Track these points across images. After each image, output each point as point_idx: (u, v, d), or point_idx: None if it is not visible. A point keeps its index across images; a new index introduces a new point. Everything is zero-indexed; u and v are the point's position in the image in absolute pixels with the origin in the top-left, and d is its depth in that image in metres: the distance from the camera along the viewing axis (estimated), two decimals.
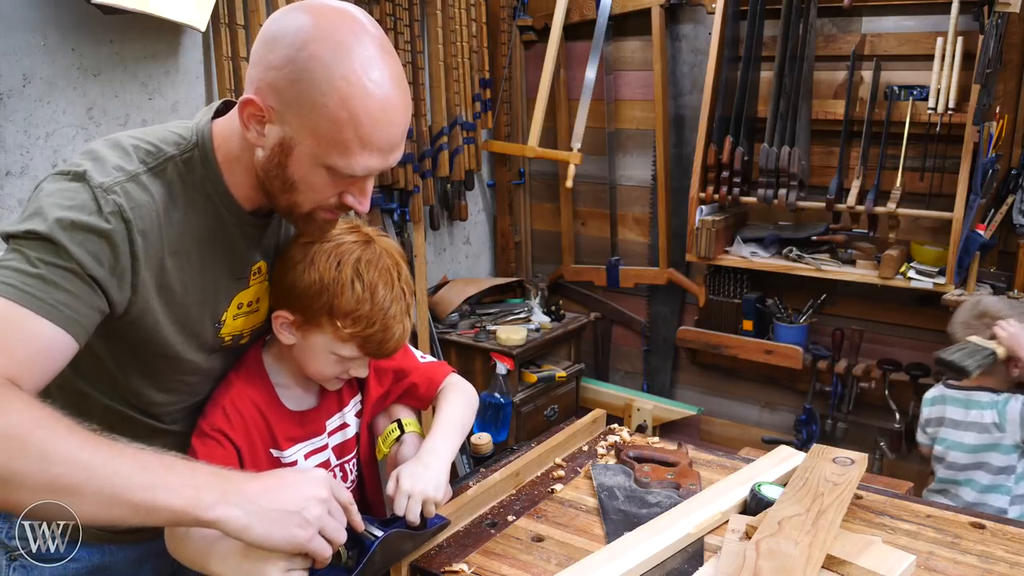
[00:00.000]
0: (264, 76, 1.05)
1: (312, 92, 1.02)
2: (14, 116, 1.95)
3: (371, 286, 1.21)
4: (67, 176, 1.06)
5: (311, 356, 1.27)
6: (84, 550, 1.26)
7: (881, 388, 2.95)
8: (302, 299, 1.21)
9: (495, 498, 1.42)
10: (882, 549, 1.19)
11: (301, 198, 1.11)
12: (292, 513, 1.00)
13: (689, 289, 3.30)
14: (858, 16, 2.83)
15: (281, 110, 1.05)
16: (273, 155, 1.08)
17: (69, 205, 1.02)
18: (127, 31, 2.14)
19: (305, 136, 1.05)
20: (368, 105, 1.03)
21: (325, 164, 1.06)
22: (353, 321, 1.20)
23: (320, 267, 1.20)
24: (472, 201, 3.49)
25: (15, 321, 0.97)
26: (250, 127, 1.07)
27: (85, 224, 1.02)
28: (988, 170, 2.53)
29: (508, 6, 3.39)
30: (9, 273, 0.98)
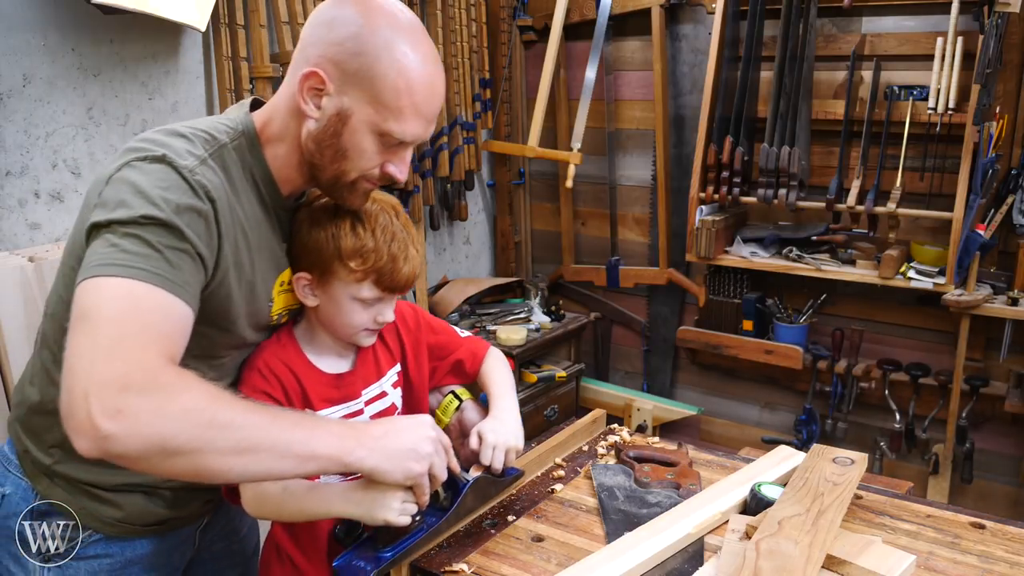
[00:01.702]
0: (325, 52, 1.15)
1: (374, 64, 1.14)
2: (14, 116, 1.95)
3: (370, 224, 1.30)
4: (147, 160, 1.10)
5: (336, 309, 1.33)
6: (116, 545, 1.31)
7: (881, 388, 2.95)
8: (313, 253, 1.30)
9: (495, 498, 1.42)
10: (882, 549, 1.19)
11: (350, 166, 1.21)
12: (409, 451, 1.15)
13: (689, 289, 3.30)
14: (858, 16, 2.83)
15: (341, 81, 1.16)
16: (329, 125, 1.18)
17: (167, 187, 1.08)
18: (127, 31, 2.14)
19: (363, 105, 1.16)
20: (421, 77, 1.17)
21: (380, 130, 1.18)
22: (362, 258, 1.29)
23: (322, 220, 1.30)
24: (472, 201, 3.49)
25: (161, 304, 1.03)
26: (307, 100, 1.17)
27: (189, 205, 1.09)
28: (988, 170, 2.53)
29: (508, 6, 3.39)
30: (137, 258, 1.03)
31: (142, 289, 1.02)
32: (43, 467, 1.27)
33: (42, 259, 1.85)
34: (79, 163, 2.09)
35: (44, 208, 2.03)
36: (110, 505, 1.28)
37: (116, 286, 1.01)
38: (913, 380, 2.88)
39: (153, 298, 1.02)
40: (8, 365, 1.78)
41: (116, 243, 1.03)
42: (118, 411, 0.94)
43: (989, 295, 2.63)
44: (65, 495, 1.27)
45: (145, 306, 1.02)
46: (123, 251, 1.03)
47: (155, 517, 1.32)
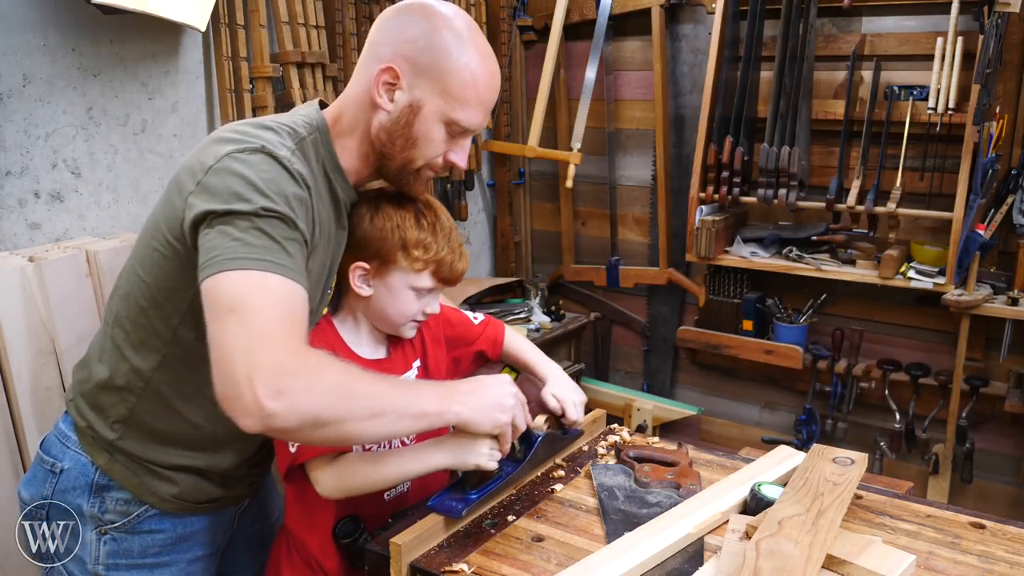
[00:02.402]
0: (398, 50, 1.27)
1: (444, 59, 1.26)
2: (14, 116, 1.95)
3: (433, 217, 1.41)
4: (248, 151, 1.18)
5: (391, 298, 1.41)
6: (169, 521, 1.38)
7: (881, 388, 2.95)
8: (375, 243, 1.37)
9: (495, 498, 1.42)
10: (882, 549, 1.19)
11: (418, 154, 1.32)
12: (495, 404, 1.30)
13: (689, 289, 3.30)
14: (858, 16, 2.83)
15: (413, 76, 1.27)
16: (402, 116, 1.29)
17: (273, 177, 1.16)
18: (127, 31, 2.14)
19: (434, 96, 1.28)
20: (484, 71, 1.30)
21: (448, 119, 1.30)
22: (424, 248, 1.39)
23: (387, 211, 1.38)
24: (472, 201, 3.49)
25: (291, 292, 1.13)
26: (382, 93, 1.28)
27: (296, 194, 1.18)
28: (988, 170, 2.53)
29: (508, 6, 3.39)
30: (264, 251, 1.12)
31: (276, 281, 1.11)
32: (105, 443, 1.34)
33: (42, 259, 1.85)
34: (79, 163, 2.09)
35: (44, 208, 2.03)
36: (167, 481, 1.35)
37: (254, 279, 1.10)
38: (913, 380, 2.88)
39: (285, 288, 1.12)
40: (8, 365, 1.78)
41: (240, 236, 1.11)
42: (279, 392, 1.06)
43: (989, 295, 2.63)
44: (124, 470, 1.34)
45: (282, 296, 1.12)
46: (249, 244, 1.11)
47: (207, 495, 1.40)
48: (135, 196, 2.23)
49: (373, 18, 2.74)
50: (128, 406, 1.32)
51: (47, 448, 1.39)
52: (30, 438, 1.81)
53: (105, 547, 1.34)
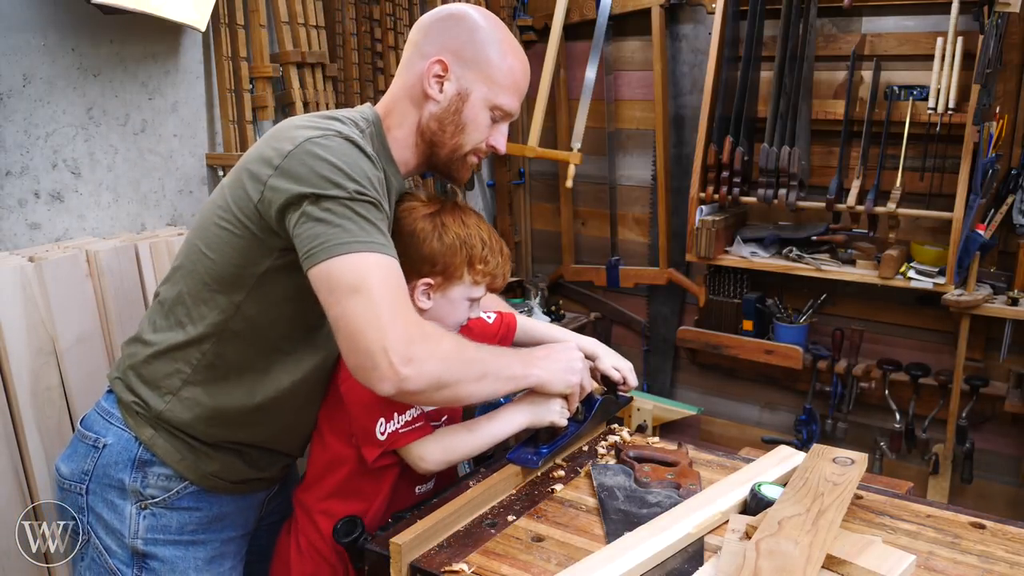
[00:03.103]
0: (445, 43, 1.41)
1: (487, 51, 1.42)
2: (14, 116, 1.95)
3: (489, 232, 1.51)
4: (326, 136, 1.27)
5: (450, 309, 1.50)
6: (206, 499, 1.45)
7: (881, 388, 2.95)
8: (442, 260, 1.45)
9: (495, 498, 1.42)
10: (882, 549, 1.19)
11: (466, 139, 1.44)
12: (566, 368, 1.48)
13: (689, 289, 3.30)
14: (858, 16, 2.83)
15: (460, 67, 1.41)
16: (451, 104, 1.42)
17: (354, 161, 1.26)
18: (127, 31, 2.14)
19: (480, 84, 1.42)
20: (520, 61, 1.46)
21: (492, 104, 1.43)
22: (486, 263, 1.49)
23: (454, 229, 1.46)
24: (472, 201, 3.49)
25: (395, 269, 1.25)
26: (432, 84, 1.41)
27: (378, 176, 1.29)
28: (988, 170, 2.53)
29: (508, 6, 3.39)
30: (367, 233, 1.23)
31: (384, 260, 1.23)
32: (152, 417, 1.40)
33: (42, 259, 1.85)
34: (79, 163, 2.09)
35: (44, 208, 2.03)
36: (207, 458, 1.41)
37: (367, 261, 1.21)
38: (913, 380, 2.88)
39: (391, 266, 1.24)
40: (8, 365, 1.78)
41: (341, 223, 1.21)
42: (409, 359, 1.19)
43: (989, 295, 2.63)
44: (167, 446, 1.40)
45: (391, 273, 1.24)
46: (352, 230, 1.21)
47: (242, 475, 1.47)
48: (135, 196, 2.23)
49: (373, 18, 2.75)
50: (182, 377, 1.39)
51: (89, 424, 1.45)
52: (30, 438, 1.80)
53: (144, 522, 1.40)
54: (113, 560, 1.40)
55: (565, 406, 1.50)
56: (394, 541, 1.23)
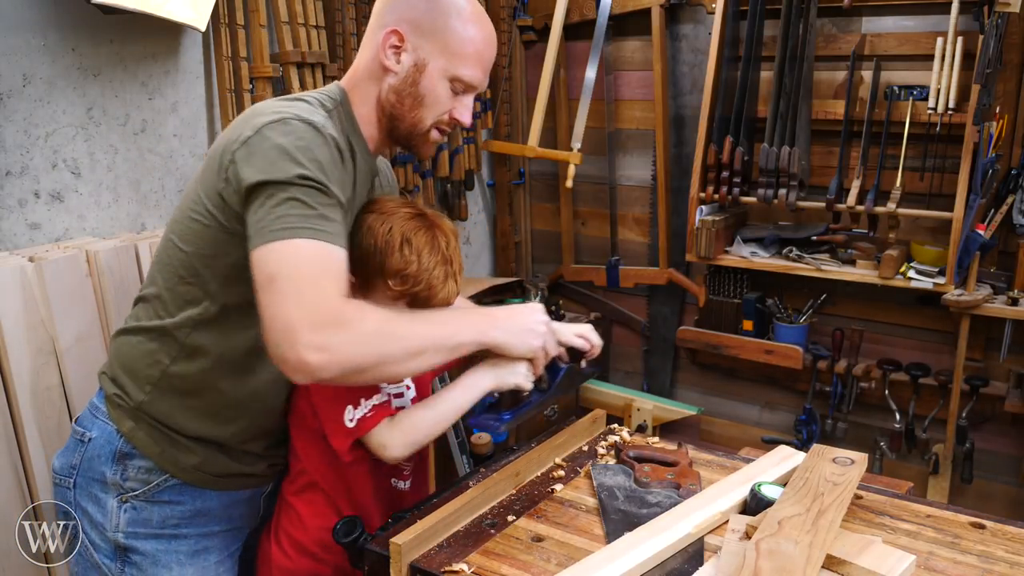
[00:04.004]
0: (402, 15, 1.37)
1: (447, 19, 1.36)
2: (14, 116, 1.95)
3: (418, 249, 1.41)
4: (283, 121, 1.25)
5: None
6: (189, 493, 1.43)
7: (881, 388, 2.95)
8: (360, 262, 1.39)
9: (495, 498, 1.42)
10: (882, 549, 1.19)
11: (425, 112, 1.40)
12: (529, 329, 1.41)
13: (689, 289, 3.30)
14: (858, 16, 2.83)
15: (417, 37, 1.37)
16: (408, 76, 1.38)
17: (307, 144, 1.24)
18: (127, 31, 2.14)
19: (437, 55, 1.37)
20: (482, 29, 1.40)
21: (451, 75, 1.38)
22: (401, 280, 1.40)
23: (375, 231, 1.40)
24: (472, 201, 3.49)
25: (321, 253, 1.20)
26: (389, 56, 1.38)
27: (330, 158, 1.26)
28: (988, 170, 2.53)
29: (508, 6, 3.39)
30: (298, 219, 1.20)
31: (310, 247, 1.19)
32: (132, 408, 1.39)
33: (42, 259, 1.85)
34: (79, 163, 2.09)
35: (44, 208, 2.03)
36: (188, 451, 1.40)
37: (289, 248, 1.19)
38: (913, 380, 2.88)
39: (321, 252, 1.20)
40: (8, 365, 1.78)
41: (275, 208, 1.20)
42: (319, 348, 1.16)
43: (989, 295, 2.63)
44: (147, 438, 1.39)
45: (315, 260, 1.19)
46: (285, 215, 1.19)
47: (225, 469, 1.45)
48: (135, 196, 2.23)
49: None
50: (161, 368, 1.39)
51: (80, 420, 1.46)
52: (30, 438, 1.81)
53: (125, 515, 1.39)
54: (98, 554, 1.40)
55: (530, 369, 1.44)
56: (394, 541, 1.23)
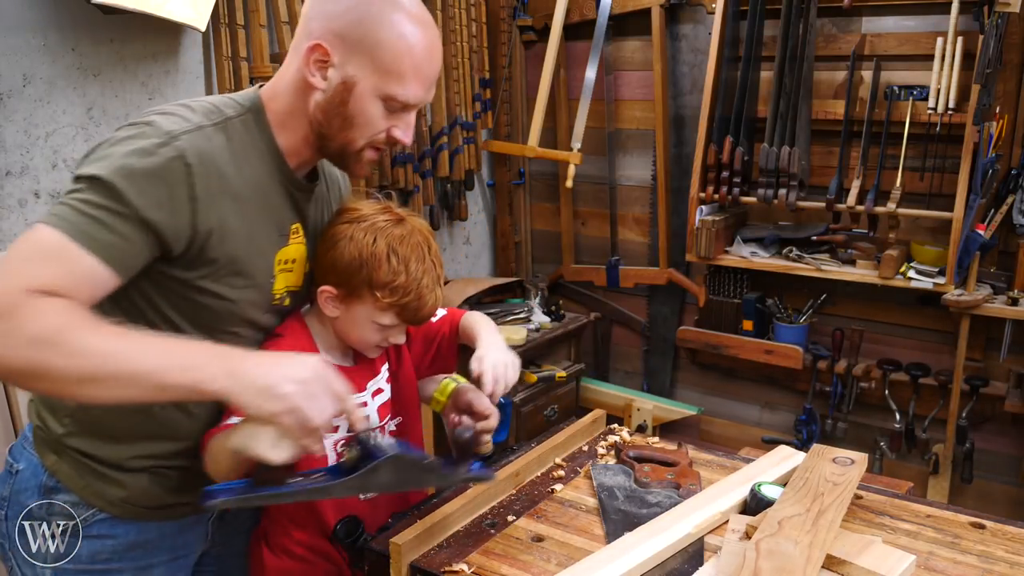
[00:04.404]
0: (327, 25, 1.21)
1: (376, 30, 1.20)
2: (14, 116, 1.95)
3: (405, 259, 1.34)
4: (137, 126, 1.18)
5: (354, 326, 1.39)
6: (121, 527, 1.32)
7: (881, 388, 2.95)
8: (344, 274, 1.34)
9: (495, 498, 1.42)
10: (882, 549, 1.19)
11: (357, 133, 1.26)
12: (264, 387, 1.08)
13: (689, 289, 3.30)
14: (858, 16, 2.83)
15: (344, 53, 1.21)
16: (336, 94, 1.23)
17: (133, 151, 1.13)
18: (127, 31, 2.14)
19: (367, 72, 1.22)
20: (420, 40, 1.23)
21: (384, 95, 1.23)
22: (391, 292, 1.34)
23: (359, 243, 1.33)
24: (472, 201, 3.49)
25: (61, 249, 1.08)
26: (314, 72, 1.23)
27: (146, 170, 1.12)
28: (988, 170, 2.53)
29: (508, 6, 3.39)
30: (67, 211, 1.09)
31: (49, 236, 1.08)
32: (53, 440, 1.30)
33: None
34: None
35: (44, 208, 2.03)
36: (114, 484, 1.30)
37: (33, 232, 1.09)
38: (913, 380, 2.88)
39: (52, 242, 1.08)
40: None
41: (62, 201, 1.12)
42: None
43: (989, 295, 2.63)
44: (71, 471, 1.30)
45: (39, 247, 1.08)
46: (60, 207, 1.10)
47: (159, 500, 1.34)
48: None
49: None
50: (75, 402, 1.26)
51: (12, 450, 1.37)
52: None
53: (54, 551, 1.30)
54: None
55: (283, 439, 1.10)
56: (394, 541, 1.23)
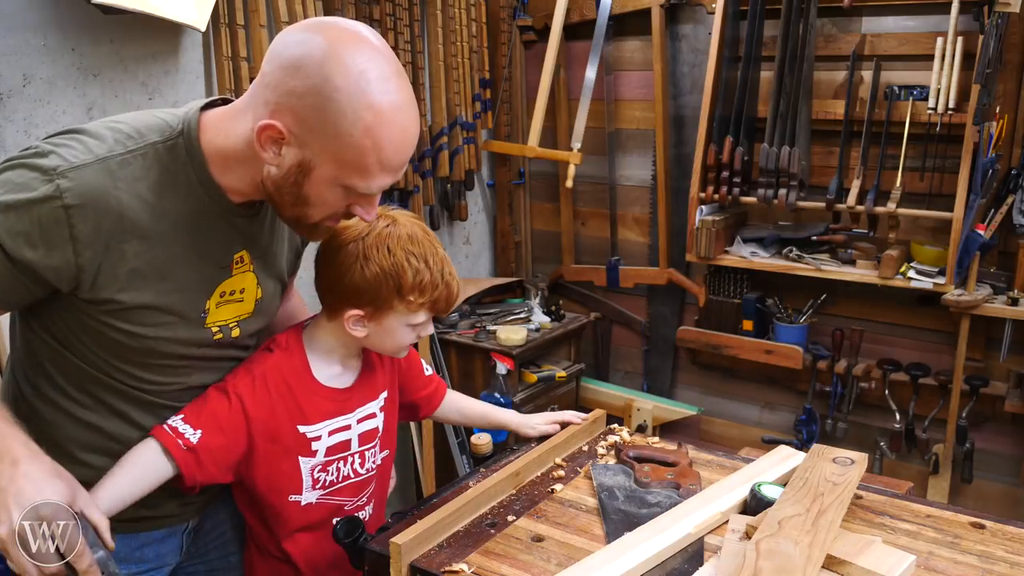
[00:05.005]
0: (286, 101, 1.09)
1: (338, 121, 1.08)
2: (14, 116, 1.95)
3: (422, 257, 1.36)
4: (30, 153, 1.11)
5: (387, 336, 1.41)
6: None
7: (881, 388, 2.95)
8: (369, 292, 1.34)
9: (495, 498, 1.42)
10: (882, 549, 1.19)
11: (312, 211, 1.18)
12: None
13: (689, 289, 3.30)
14: (858, 16, 2.83)
15: (302, 135, 1.10)
16: (290, 174, 1.13)
17: (13, 184, 1.08)
18: (127, 31, 2.14)
19: (326, 160, 1.11)
20: (391, 133, 1.11)
21: (343, 184, 1.13)
22: (420, 292, 1.36)
23: (376, 259, 1.33)
24: (472, 201, 3.49)
25: None
26: (267, 149, 1.12)
27: (18, 205, 1.07)
28: (988, 170, 2.53)
29: (508, 6, 3.39)
30: None
31: None
32: None
33: None
34: None
35: None
36: None
37: None
38: (913, 380, 2.88)
39: None
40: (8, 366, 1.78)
41: None
42: None
43: (989, 295, 2.63)
44: None
45: None
46: None
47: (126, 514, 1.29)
48: None
49: (373, 18, 2.74)
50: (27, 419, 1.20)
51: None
52: None
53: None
54: None
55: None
56: (394, 541, 1.23)
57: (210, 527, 1.48)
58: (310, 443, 1.39)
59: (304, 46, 1.09)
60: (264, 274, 1.34)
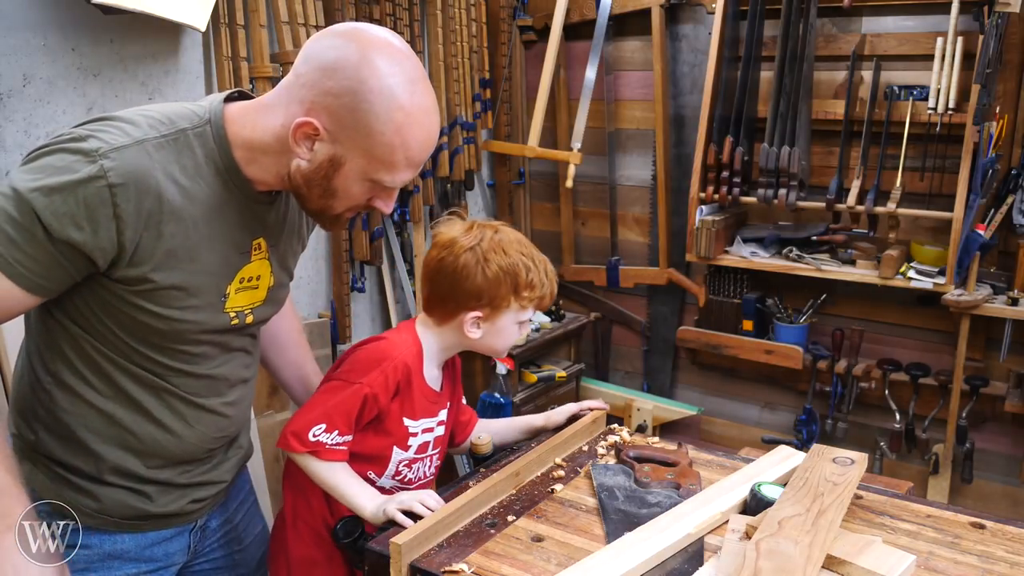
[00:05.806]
0: (321, 100, 1.17)
1: (371, 121, 1.16)
2: (14, 116, 1.95)
3: (531, 257, 1.50)
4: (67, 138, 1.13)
5: (500, 335, 1.52)
6: (96, 537, 1.31)
7: (881, 388, 2.95)
8: (489, 291, 1.46)
9: (495, 498, 1.42)
10: (882, 549, 1.19)
11: (337, 203, 1.25)
12: None
13: (689, 289, 3.30)
14: (858, 16, 2.83)
15: (336, 132, 1.18)
16: (320, 168, 1.20)
17: (56, 167, 1.10)
18: (127, 31, 2.14)
19: (357, 156, 1.19)
20: (418, 132, 1.20)
21: (371, 179, 1.22)
22: (531, 288, 1.49)
23: (495, 262, 1.46)
24: (472, 201, 3.49)
25: None
26: (300, 144, 1.19)
27: (64, 189, 1.09)
28: (988, 170, 2.53)
29: (508, 6, 3.39)
30: None
31: None
32: (27, 450, 1.29)
33: None
34: None
35: None
36: (87, 495, 1.29)
37: None
38: (913, 380, 2.88)
39: None
40: (8, 365, 1.78)
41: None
42: None
43: (989, 295, 2.63)
44: (46, 481, 1.29)
45: None
46: None
47: (136, 512, 1.33)
48: None
49: (373, 18, 2.74)
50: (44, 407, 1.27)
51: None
52: None
53: None
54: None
55: None
56: (394, 541, 1.23)
57: (217, 526, 1.50)
58: (408, 437, 1.49)
59: (339, 50, 1.17)
60: (276, 263, 1.38)
